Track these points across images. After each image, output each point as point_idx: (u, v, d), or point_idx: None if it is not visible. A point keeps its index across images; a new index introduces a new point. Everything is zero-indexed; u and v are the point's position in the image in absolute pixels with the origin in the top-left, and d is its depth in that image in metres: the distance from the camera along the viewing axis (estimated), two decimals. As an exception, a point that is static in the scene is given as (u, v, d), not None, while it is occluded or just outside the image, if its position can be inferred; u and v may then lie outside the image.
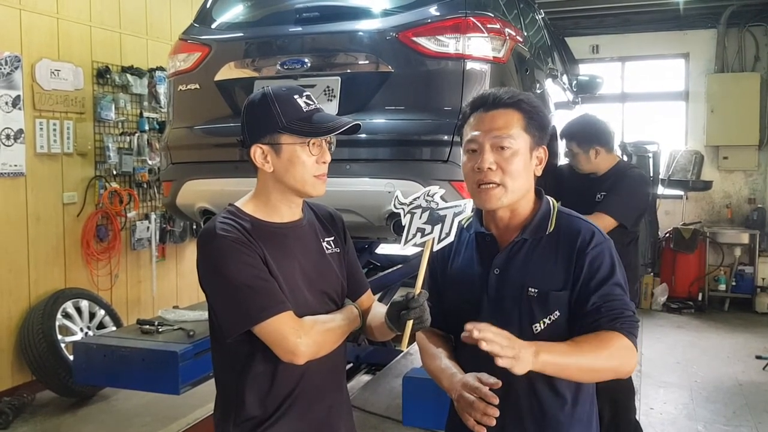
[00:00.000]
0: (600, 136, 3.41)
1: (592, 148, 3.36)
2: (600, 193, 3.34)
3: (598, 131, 3.43)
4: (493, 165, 1.55)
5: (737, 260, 7.76)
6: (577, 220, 1.63)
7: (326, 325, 1.61)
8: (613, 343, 1.47)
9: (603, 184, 3.37)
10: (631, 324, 1.51)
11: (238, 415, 1.61)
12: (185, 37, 3.48)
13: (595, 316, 1.50)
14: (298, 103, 1.60)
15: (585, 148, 3.37)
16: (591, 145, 3.36)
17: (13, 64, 4.59)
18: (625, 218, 3.25)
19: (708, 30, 8.17)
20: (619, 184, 3.29)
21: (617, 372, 1.49)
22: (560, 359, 1.41)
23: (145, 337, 2.95)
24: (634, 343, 1.50)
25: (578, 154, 3.39)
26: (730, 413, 4.58)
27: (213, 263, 1.56)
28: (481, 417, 1.42)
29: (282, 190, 1.63)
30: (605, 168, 3.41)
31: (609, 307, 1.51)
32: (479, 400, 1.43)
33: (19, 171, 4.67)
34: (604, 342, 1.47)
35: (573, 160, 3.45)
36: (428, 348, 1.67)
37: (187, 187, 3.33)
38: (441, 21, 2.96)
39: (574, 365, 1.44)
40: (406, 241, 1.50)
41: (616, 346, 1.47)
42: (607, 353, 1.46)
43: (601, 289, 1.52)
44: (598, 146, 3.37)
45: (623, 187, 3.29)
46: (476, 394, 1.43)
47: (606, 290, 1.52)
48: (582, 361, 1.45)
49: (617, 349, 1.47)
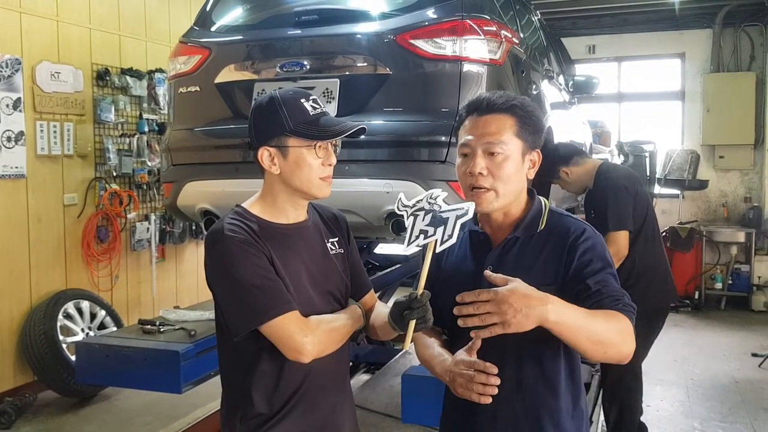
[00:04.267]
0: (554, 161, 3.45)
1: (559, 173, 3.51)
2: (591, 210, 3.49)
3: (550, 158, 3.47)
4: (484, 170, 1.58)
5: (733, 259, 7.80)
6: (568, 218, 1.66)
7: (331, 325, 1.64)
8: (619, 320, 1.47)
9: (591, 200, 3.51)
10: (631, 310, 1.51)
11: (245, 412, 1.64)
12: (185, 40, 3.51)
13: (597, 297, 1.50)
14: (304, 107, 1.63)
15: (555, 176, 3.52)
16: (555, 171, 3.50)
17: (14, 66, 4.62)
18: (622, 224, 3.30)
19: (704, 30, 8.21)
20: (600, 201, 3.39)
21: (620, 350, 1.47)
22: (572, 320, 1.40)
23: (146, 337, 2.96)
24: (632, 330, 1.50)
25: (559, 184, 3.58)
26: (726, 410, 4.62)
27: (221, 263, 1.59)
28: (483, 389, 1.45)
29: (288, 191, 1.66)
30: (589, 176, 3.49)
31: (609, 290, 1.51)
32: (479, 373, 1.46)
33: (20, 173, 4.70)
34: (613, 316, 1.47)
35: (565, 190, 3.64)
36: (421, 339, 1.70)
37: (187, 189, 3.36)
38: (438, 23, 2.99)
39: (584, 330, 1.42)
40: (409, 242, 1.52)
41: (623, 324, 1.47)
42: (616, 327, 1.46)
43: (596, 275, 1.53)
44: (562, 168, 3.50)
45: (603, 199, 3.36)
46: (473, 368, 1.46)
47: (602, 277, 1.53)
48: (593, 326, 1.42)
49: (624, 326, 1.47)
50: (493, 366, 1.46)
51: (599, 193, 3.39)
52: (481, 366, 1.47)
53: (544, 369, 1.59)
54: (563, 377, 1.60)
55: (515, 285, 1.38)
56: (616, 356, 1.48)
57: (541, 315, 1.37)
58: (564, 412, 1.60)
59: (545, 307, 1.37)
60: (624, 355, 1.49)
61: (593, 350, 1.46)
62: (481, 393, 1.46)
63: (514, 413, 1.59)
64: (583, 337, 1.43)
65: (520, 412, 1.59)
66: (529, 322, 1.36)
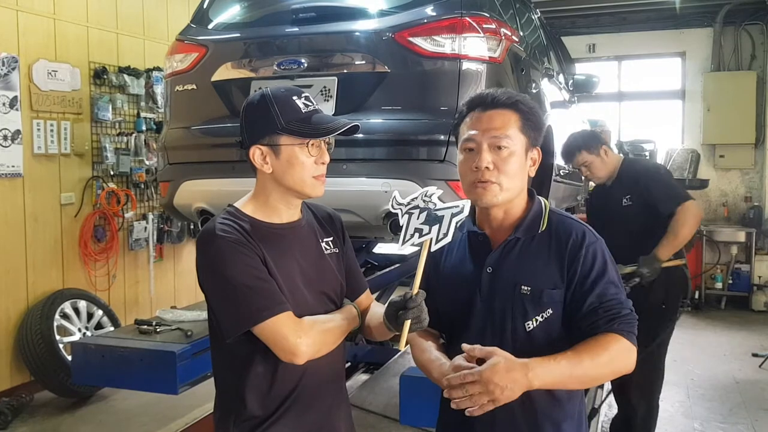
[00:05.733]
0: (599, 136, 3.59)
1: (600, 149, 3.52)
2: (625, 197, 3.47)
3: (595, 133, 3.60)
4: (491, 165, 1.56)
5: (734, 258, 7.78)
6: (569, 219, 1.65)
7: (325, 325, 1.62)
8: (611, 347, 1.48)
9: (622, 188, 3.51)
10: (628, 323, 1.52)
11: (239, 415, 1.62)
12: (182, 38, 3.48)
13: (592, 318, 1.52)
14: (296, 104, 1.61)
15: (595, 152, 3.51)
16: (598, 146, 3.52)
17: (10, 65, 4.59)
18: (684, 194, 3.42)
19: (704, 29, 8.20)
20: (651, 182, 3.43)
21: (616, 373, 1.52)
22: (557, 377, 1.44)
23: (143, 337, 2.94)
24: (633, 342, 1.51)
25: (592, 163, 3.53)
26: (727, 411, 4.60)
27: (212, 264, 1.56)
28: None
29: (281, 191, 1.64)
30: (616, 165, 3.55)
31: (606, 308, 1.52)
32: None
33: (16, 172, 4.68)
34: (602, 346, 1.48)
35: (589, 173, 3.60)
36: (419, 342, 1.68)
37: (184, 188, 3.34)
38: (437, 21, 2.97)
39: (574, 378, 1.46)
40: (403, 241, 1.51)
41: (616, 349, 1.48)
42: (606, 358, 1.47)
43: (596, 289, 1.53)
44: (603, 145, 3.55)
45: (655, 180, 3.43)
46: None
47: (601, 290, 1.53)
48: (580, 372, 1.46)
49: (617, 352, 1.48)
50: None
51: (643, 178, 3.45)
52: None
53: None
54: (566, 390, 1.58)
55: (496, 361, 1.40)
56: (613, 377, 1.53)
57: (527, 385, 1.41)
58: (562, 414, 1.59)
59: (527, 376, 1.40)
60: (623, 373, 1.52)
61: (589, 386, 1.54)
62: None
63: (512, 416, 1.57)
64: (573, 384, 1.49)
65: (519, 415, 1.57)
66: (516, 393, 1.40)
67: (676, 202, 3.35)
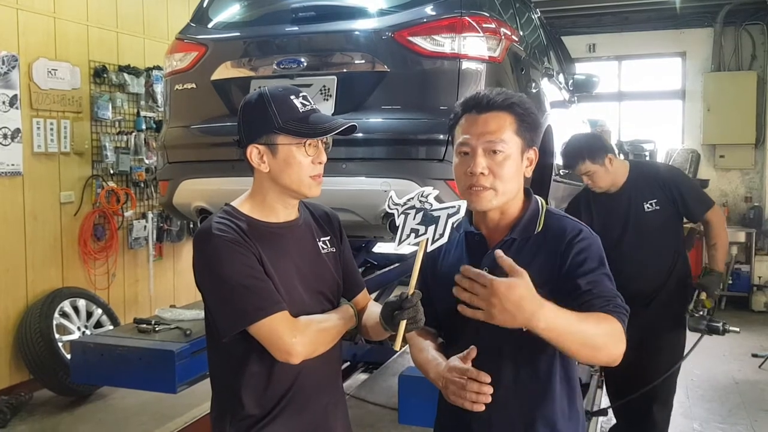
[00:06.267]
0: (605, 144, 3.38)
1: (605, 158, 3.27)
2: (647, 202, 3.30)
3: (601, 141, 3.42)
4: (485, 170, 1.55)
5: (734, 259, 7.76)
6: (566, 219, 1.63)
7: (321, 325, 1.62)
8: (610, 323, 1.43)
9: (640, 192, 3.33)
10: (622, 311, 1.48)
11: (235, 414, 1.62)
12: (182, 37, 3.48)
13: (587, 297, 1.47)
14: (294, 104, 1.60)
15: (600, 161, 3.26)
16: (603, 155, 3.27)
17: (10, 63, 4.59)
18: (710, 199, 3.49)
19: (705, 29, 8.20)
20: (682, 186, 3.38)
21: (609, 353, 1.43)
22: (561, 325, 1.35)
23: (142, 336, 2.95)
24: (624, 332, 1.46)
25: (595, 173, 3.28)
26: (726, 411, 4.60)
27: (209, 263, 1.56)
28: (476, 397, 1.42)
29: (278, 190, 1.63)
30: (623, 174, 3.35)
31: (601, 291, 1.48)
32: (471, 381, 1.43)
33: (16, 170, 4.68)
34: (603, 318, 1.43)
35: (591, 183, 3.35)
36: (417, 342, 1.67)
37: (183, 187, 3.33)
38: (437, 21, 2.96)
39: (574, 335, 1.37)
40: (399, 241, 1.50)
41: (613, 327, 1.43)
42: (607, 328, 1.42)
43: (589, 275, 1.50)
44: (609, 154, 3.31)
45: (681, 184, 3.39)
46: (466, 376, 1.44)
47: (595, 277, 1.50)
48: (582, 329, 1.38)
49: (613, 329, 1.43)
50: (486, 375, 1.43)
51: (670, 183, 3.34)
52: (474, 374, 1.44)
53: (539, 373, 1.56)
54: (558, 380, 1.58)
55: (515, 281, 1.32)
56: (605, 359, 1.44)
57: (530, 320, 1.32)
58: (559, 415, 1.58)
59: (536, 313, 1.32)
60: (613, 358, 1.44)
61: (582, 354, 1.42)
62: (473, 401, 1.43)
63: (508, 417, 1.56)
64: (572, 342, 1.38)
65: (515, 415, 1.57)
66: (514, 323, 1.32)
67: (707, 206, 3.37)
